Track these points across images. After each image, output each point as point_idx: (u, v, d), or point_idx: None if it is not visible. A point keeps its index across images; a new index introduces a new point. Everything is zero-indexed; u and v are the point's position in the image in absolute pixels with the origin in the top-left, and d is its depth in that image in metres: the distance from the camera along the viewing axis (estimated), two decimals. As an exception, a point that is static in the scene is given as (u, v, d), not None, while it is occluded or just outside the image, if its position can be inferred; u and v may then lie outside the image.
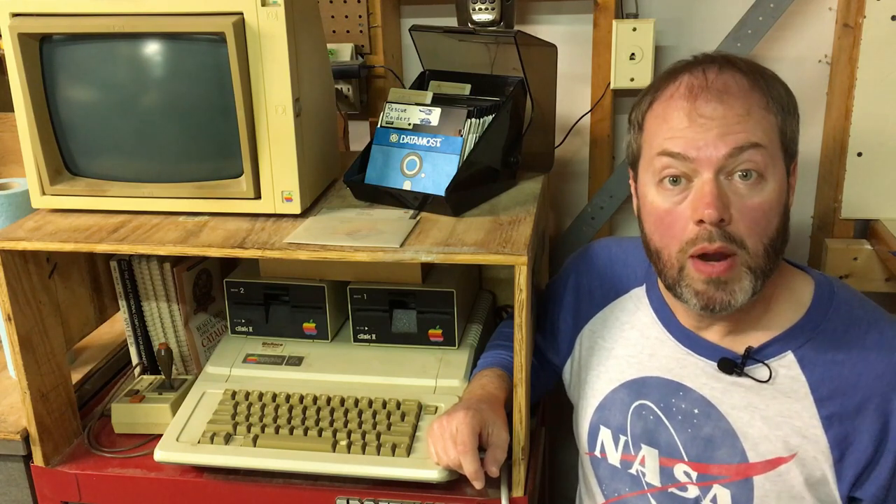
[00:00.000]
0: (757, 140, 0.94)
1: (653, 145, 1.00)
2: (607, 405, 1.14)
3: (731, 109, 0.95)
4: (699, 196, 0.95)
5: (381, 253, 1.07)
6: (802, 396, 1.00)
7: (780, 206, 0.97)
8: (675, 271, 0.99)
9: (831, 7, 1.49)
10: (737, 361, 1.03)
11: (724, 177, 0.95)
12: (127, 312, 1.41)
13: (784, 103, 0.98)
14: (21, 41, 1.12)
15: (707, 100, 0.95)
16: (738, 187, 0.95)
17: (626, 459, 1.11)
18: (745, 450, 1.02)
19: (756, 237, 0.95)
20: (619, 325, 1.16)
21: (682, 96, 0.97)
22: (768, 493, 1.01)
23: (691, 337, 1.08)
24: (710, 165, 0.94)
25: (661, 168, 0.98)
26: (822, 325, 1.02)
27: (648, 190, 1.01)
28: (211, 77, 1.13)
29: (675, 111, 0.97)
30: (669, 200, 0.98)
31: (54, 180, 1.20)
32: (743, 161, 0.94)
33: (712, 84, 0.96)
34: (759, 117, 0.95)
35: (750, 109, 0.95)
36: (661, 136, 0.98)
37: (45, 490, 1.26)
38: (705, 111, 0.95)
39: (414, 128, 1.25)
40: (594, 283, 1.22)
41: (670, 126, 0.97)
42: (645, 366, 1.11)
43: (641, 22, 1.48)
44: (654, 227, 1.01)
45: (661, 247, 1.01)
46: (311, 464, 1.15)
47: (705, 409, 1.05)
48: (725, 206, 0.94)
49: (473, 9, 1.46)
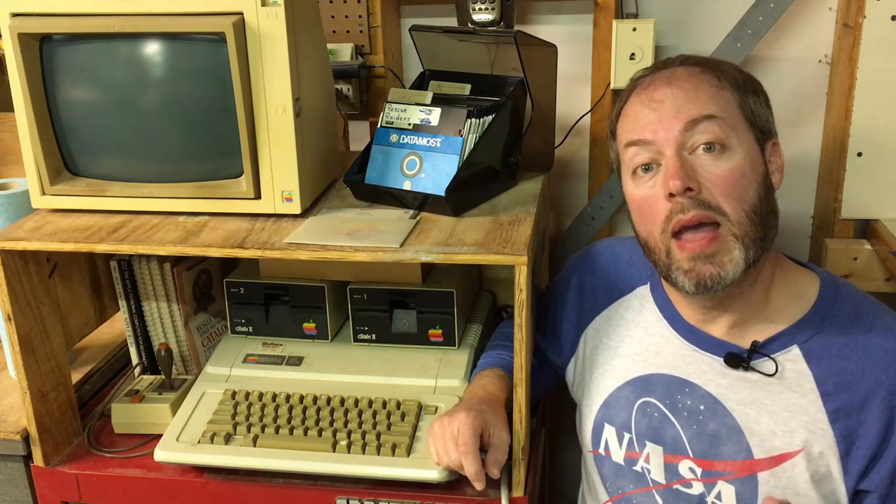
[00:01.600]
0: (710, 112, 0.99)
1: (621, 143, 1.07)
2: (612, 403, 1.14)
3: (679, 89, 1.02)
4: (665, 172, 1.00)
5: (381, 253, 1.07)
6: (808, 391, 1.00)
7: (754, 174, 1.00)
8: (663, 256, 1.02)
9: (831, 7, 1.49)
10: (743, 356, 1.04)
11: (687, 153, 1.00)
12: (127, 312, 1.41)
13: (739, 82, 1.03)
14: (21, 41, 1.12)
15: (656, 87, 1.04)
16: (702, 160, 0.99)
17: (630, 457, 1.11)
18: (751, 446, 1.02)
19: (734, 203, 0.97)
20: (623, 324, 1.17)
21: (638, 92, 1.06)
22: (773, 490, 1.01)
23: (696, 333, 1.08)
24: (669, 143, 1.00)
25: (630, 159, 1.05)
26: (828, 320, 1.02)
27: (627, 185, 1.07)
28: (211, 77, 1.13)
29: (634, 106, 1.06)
30: (644, 187, 1.03)
31: (54, 180, 1.20)
32: (700, 133, 0.99)
33: (662, 75, 1.05)
34: (711, 93, 1.02)
35: (698, 86, 1.02)
36: (625, 132, 1.06)
37: (45, 490, 1.26)
38: (656, 95, 1.03)
39: (414, 128, 1.25)
40: (598, 283, 1.22)
41: (631, 119, 1.05)
42: (651, 363, 1.11)
43: (641, 22, 1.48)
44: (637, 217, 1.06)
45: (647, 234, 1.04)
46: (311, 464, 1.15)
47: (711, 405, 1.05)
48: (690, 175, 0.98)
49: (473, 9, 1.46)
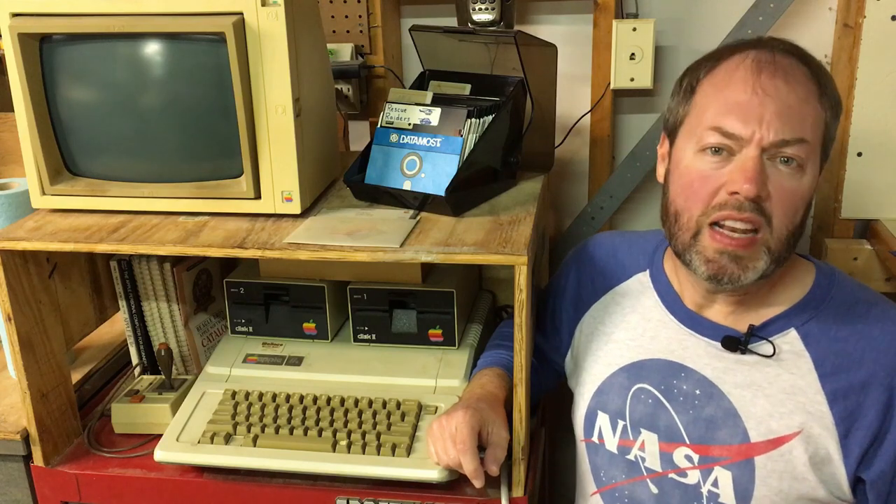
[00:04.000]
0: (805, 136, 0.95)
1: (705, 115, 0.99)
2: (605, 389, 1.13)
3: (792, 91, 0.95)
4: (741, 169, 0.95)
5: (381, 253, 1.07)
6: (806, 372, 1.00)
7: (808, 200, 0.99)
8: (689, 235, 1.00)
9: (831, 7, 1.49)
10: (740, 338, 1.03)
11: (767, 157, 0.96)
12: (127, 312, 1.41)
13: (835, 103, 1.00)
14: (21, 41, 1.12)
15: (772, 75, 0.96)
16: (779, 169, 0.96)
17: (624, 445, 1.11)
18: (747, 429, 1.02)
19: (785, 219, 0.96)
20: (619, 310, 1.16)
21: (747, 67, 0.97)
22: (770, 474, 1.00)
23: (694, 317, 1.08)
24: (757, 145, 0.95)
25: (709, 141, 0.98)
26: (826, 303, 1.03)
27: (685, 154, 1.01)
28: (211, 77, 1.13)
29: (738, 81, 0.97)
30: (707, 166, 0.98)
31: (54, 180, 1.20)
32: (789, 149, 0.95)
33: (779, 62, 0.97)
34: (813, 108, 0.97)
35: (808, 97, 0.96)
36: (715, 108, 0.98)
37: (45, 490, 1.25)
38: (768, 87, 0.95)
39: (414, 128, 1.25)
40: (595, 273, 1.22)
41: (728, 96, 0.97)
42: (645, 349, 1.11)
43: (641, 22, 1.49)
44: (682, 188, 1.01)
45: (683, 209, 1.01)
46: (311, 464, 1.15)
47: (707, 389, 1.05)
48: (764, 184, 0.95)
49: (473, 9, 1.46)
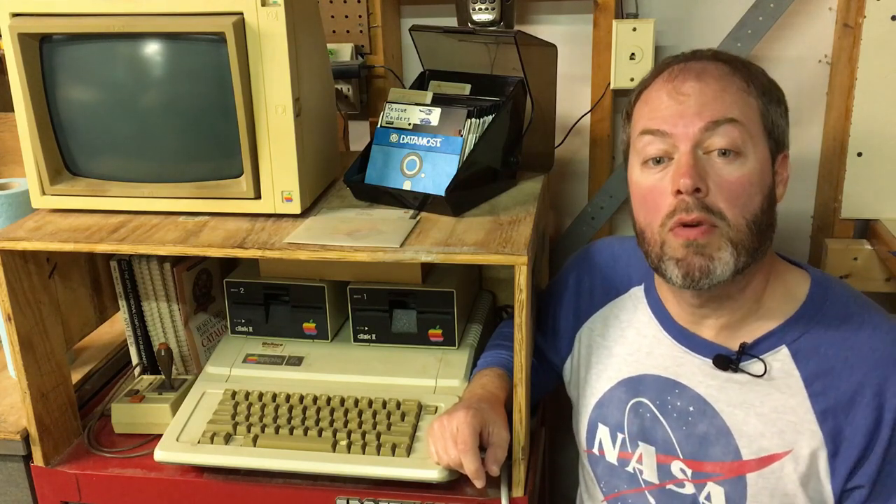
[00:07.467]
0: (733, 116, 0.97)
1: (637, 129, 1.05)
2: (605, 403, 1.14)
3: (707, 86, 0.99)
4: (676, 168, 0.98)
5: (381, 253, 1.07)
6: (797, 391, 1.00)
7: (761, 185, 0.99)
8: (657, 247, 1.01)
9: (831, 7, 1.49)
10: (731, 357, 1.04)
11: (702, 152, 0.98)
12: (127, 312, 1.41)
13: (766, 90, 1.02)
14: (21, 41, 1.12)
15: (685, 79, 1.01)
16: (715, 162, 0.98)
17: (623, 457, 1.12)
18: (739, 447, 1.02)
19: (736, 210, 0.97)
20: (617, 324, 1.17)
21: (664, 79, 1.03)
22: (761, 491, 1.01)
23: (686, 335, 1.08)
24: (687, 139, 0.98)
25: (643, 147, 1.02)
26: (817, 318, 1.02)
27: (633, 171, 1.06)
28: (211, 77, 1.13)
29: (657, 93, 1.03)
30: (652, 178, 1.02)
31: (54, 180, 1.20)
32: (719, 135, 0.97)
33: (692, 67, 1.02)
34: (737, 97, 0.99)
35: (726, 87, 0.99)
36: (643, 119, 1.04)
37: (45, 490, 1.26)
38: (683, 88, 1.00)
39: (414, 128, 1.25)
40: (595, 282, 1.22)
41: (652, 107, 1.03)
42: (642, 364, 1.12)
43: (641, 22, 1.48)
44: (639, 205, 1.05)
45: (645, 225, 1.03)
46: (311, 464, 1.15)
47: (700, 406, 1.05)
48: (701, 176, 0.96)
49: (473, 9, 1.46)
